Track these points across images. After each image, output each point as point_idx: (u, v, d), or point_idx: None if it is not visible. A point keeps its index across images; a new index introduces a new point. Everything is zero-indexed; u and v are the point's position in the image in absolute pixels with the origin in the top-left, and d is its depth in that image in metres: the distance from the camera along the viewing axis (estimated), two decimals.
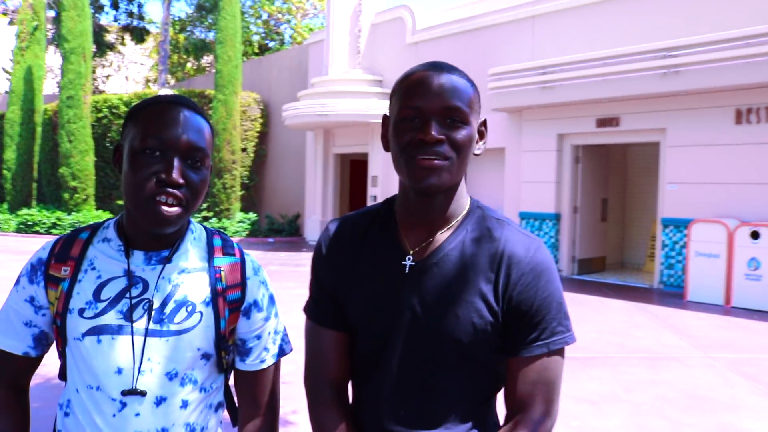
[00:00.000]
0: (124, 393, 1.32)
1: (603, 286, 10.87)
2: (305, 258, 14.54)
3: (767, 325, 7.96)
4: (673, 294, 10.06)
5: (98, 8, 30.30)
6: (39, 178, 21.97)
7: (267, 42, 32.39)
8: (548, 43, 12.26)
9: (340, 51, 16.40)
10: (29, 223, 18.58)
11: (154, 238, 1.38)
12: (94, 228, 1.44)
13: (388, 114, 1.38)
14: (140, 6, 31.46)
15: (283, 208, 19.99)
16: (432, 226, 1.36)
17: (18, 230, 18.69)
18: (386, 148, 1.38)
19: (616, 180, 13.28)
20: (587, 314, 8.47)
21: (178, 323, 1.36)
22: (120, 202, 20.15)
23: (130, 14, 31.51)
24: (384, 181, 15.70)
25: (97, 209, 19.33)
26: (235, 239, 17.88)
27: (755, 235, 8.80)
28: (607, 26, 11.31)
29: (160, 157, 1.29)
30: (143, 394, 1.33)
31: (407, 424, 1.35)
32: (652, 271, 11.57)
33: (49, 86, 32.10)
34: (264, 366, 1.49)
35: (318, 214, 17.75)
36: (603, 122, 11.20)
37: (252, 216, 19.15)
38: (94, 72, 33.55)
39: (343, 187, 18.33)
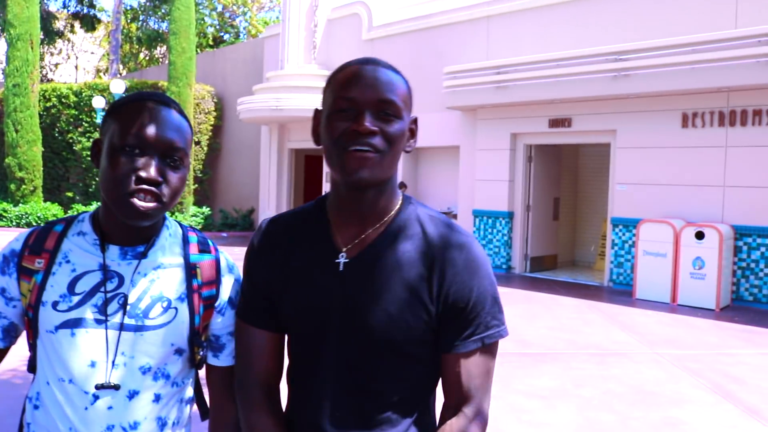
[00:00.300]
0: (98, 387, 1.33)
1: (554, 284, 11.08)
2: None
3: (710, 322, 8.23)
4: (622, 292, 10.31)
5: None
6: None
7: (222, 34, 32.02)
8: (503, 44, 12.41)
9: (296, 45, 16.32)
10: None
11: (130, 233, 1.39)
12: (69, 221, 1.44)
13: (320, 108, 1.38)
14: None
15: (237, 203, 19.82)
16: (364, 222, 1.35)
17: None
18: (317, 142, 1.37)
19: (568, 179, 13.53)
20: (539, 311, 8.63)
21: (153, 318, 1.37)
22: (69, 194, 19.69)
23: (81, 1, 30.76)
24: None
25: (45, 201, 18.87)
26: None
27: (700, 236, 9.08)
28: (560, 28, 11.50)
29: (140, 154, 1.30)
30: (117, 388, 1.34)
31: (343, 425, 1.33)
32: (603, 270, 11.84)
33: None
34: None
35: (272, 209, 17.66)
36: (555, 122, 11.41)
37: (205, 210, 18.94)
38: (42, 60, 32.65)
39: (298, 182, 18.26)
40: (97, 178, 19.55)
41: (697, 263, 9.10)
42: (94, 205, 18.07)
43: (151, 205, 1.30)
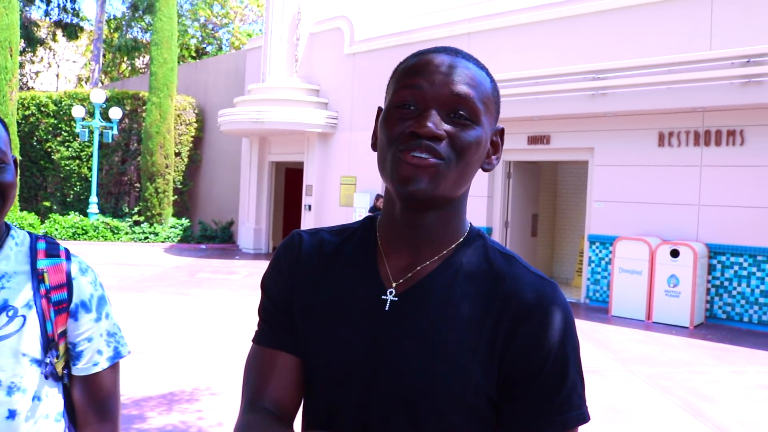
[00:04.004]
0: None
1: None
2: (238, 266, 14.36)
3: (684, 339, 8.29)
4: (598, 309, 10.36)
5: (28, 1, 29.34)
6: None
7: (204, 46, 31.98)
8: (483, 60, 12.43)
9: (278, 58, 16.34)
10: None
11: None
12: None
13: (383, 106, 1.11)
14: (73, 1, 30.62)
15: (217, 215, 19.73)
16: (418, 252, 1.06)
17: None
18: (374, 147, 1.10)
19: (546, 196, 13.62)
20: None
21: None
22: (46, 204, 19.51)
23: (64, 9, 30.63)
24: (318, 190, 15.68)
25: (22, 210, 18.66)
26: (166, 245, 17.60)
27: (675, 254, 9.16)
28: (539, 46, 11.61)
29: None
30: None
31: None
32: (580, 286, 11.90)
33: None
34: (98, 369, 1.45)
35: (252, 222, 17.59)
36: (534, 140, 11.49)
37: (185, 222, 18.84)
38: (22, 68, 32.43)
39: (278, 195, 18.23)
40: (75, 188, 19.40)
41: (672, 281, 9.17)
42: (72, 215, 17.98)
43: None
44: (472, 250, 1.07)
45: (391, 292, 1.05)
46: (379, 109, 1.10)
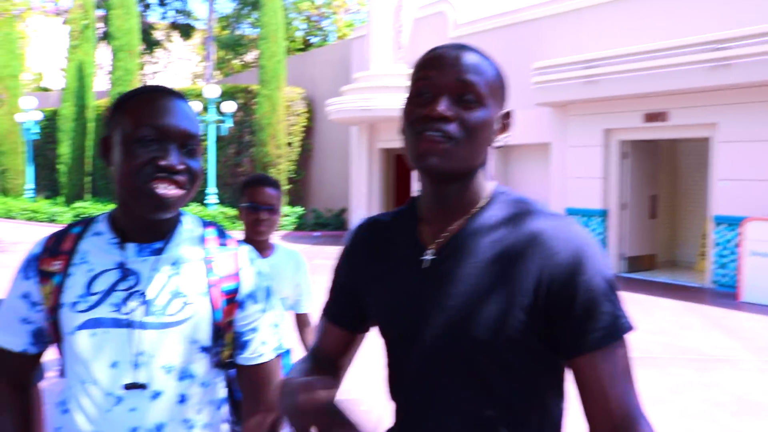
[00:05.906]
0: (128, 387, 1.31)
1: (652, 285, 10.67)
2: None
3: None
4: (725, 294, 9.81)
5: (146, 6, 30.90)
6: (93, 172, 22.55)
7: (310, 38, 32.56)
8: (593, 37, 12.04)
9: (383, 46, 16.39)
10: (83, 215, 19.03)
11: (147, 230, 1.38)
12: (87, 222, 1.45)
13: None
14: (184, 2, 32.00)
15: (330, 202, 20.12)
16: (450, 216, 1.22)
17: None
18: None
19: (666, 176, 12.98)
20: (635, 313, 8.28)
21: (172, 315, 1.34)
22: None
23: (178, 12, 32.07)
24: None
25: None
26: (282, 233, 18.15)
27: None
28: (653, 18, 11.05)
29: (157, 144, 1.29)
30: (144, 387, 1.31)
31: None
32: (704, 270, 11.31)
33: (103, 83, 32.92)
34: (262, 360, 1.47)
35: (363, 209, 17.82)
36: (650, 117, 10.96)
37: (298, 210, 19.33)
38: (143, 69, 34.24)
39: (388, 181, 18.35)
40: None
41: None
42: (191, 206, 18.82)
43: (173, 192, 1.30)
44: (497, 206, 1.21)
45: (428, 253, 1.21)
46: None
